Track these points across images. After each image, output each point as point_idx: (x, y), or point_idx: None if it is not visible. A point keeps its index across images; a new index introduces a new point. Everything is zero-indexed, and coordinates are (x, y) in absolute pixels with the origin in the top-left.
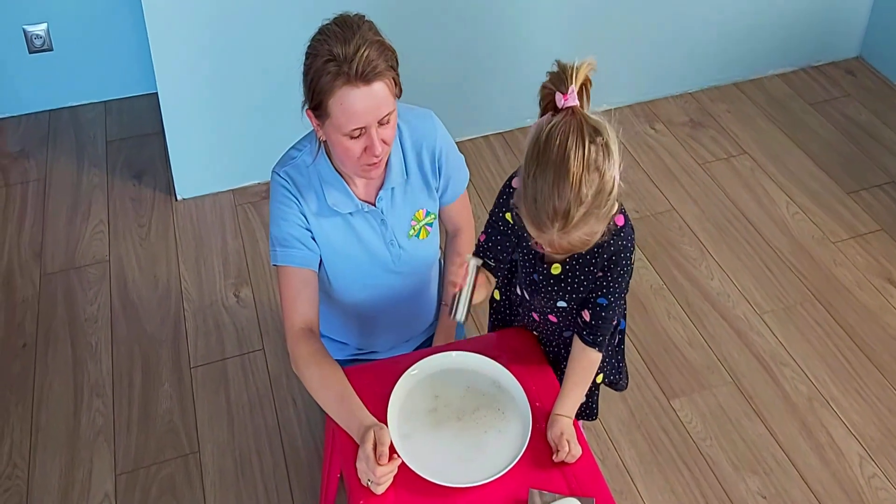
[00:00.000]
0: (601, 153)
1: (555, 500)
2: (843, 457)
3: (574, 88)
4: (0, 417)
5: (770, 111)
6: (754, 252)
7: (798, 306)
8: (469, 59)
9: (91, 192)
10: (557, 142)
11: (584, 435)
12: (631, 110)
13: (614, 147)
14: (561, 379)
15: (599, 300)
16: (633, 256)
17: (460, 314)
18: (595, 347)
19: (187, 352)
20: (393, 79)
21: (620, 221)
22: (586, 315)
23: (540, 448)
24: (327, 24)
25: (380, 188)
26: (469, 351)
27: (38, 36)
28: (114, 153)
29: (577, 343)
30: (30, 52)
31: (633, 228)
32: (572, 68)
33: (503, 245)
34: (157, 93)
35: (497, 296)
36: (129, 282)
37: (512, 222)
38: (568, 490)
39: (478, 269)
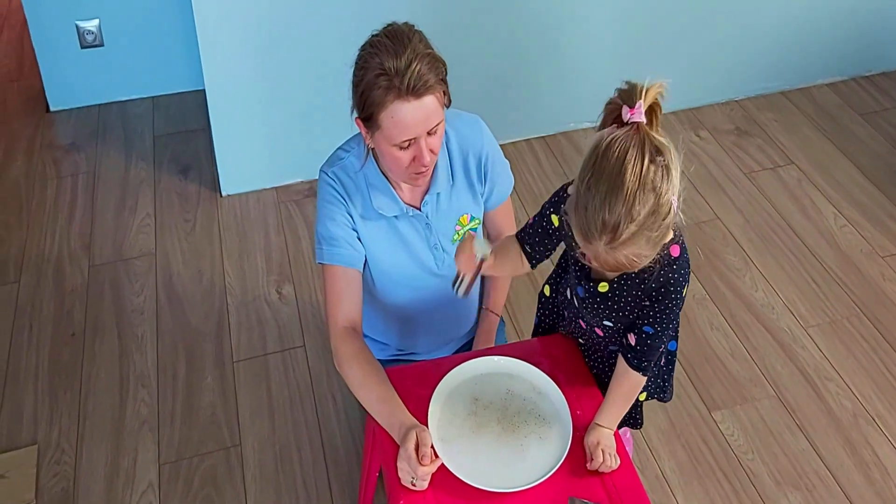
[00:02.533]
0: (660, 173)
1: None
2: (889, 475)
3: (642, 104)
4: (49, 404)
5: (818, 121)
6: (800, 264)
7: (844, 321)
8: (513, 62)
9: (138, 186)
10: (616, 154)
11: (628, 446)
12: (676, 117)
13: (675, 172)
14: (603, 391)
15: (645, 328)
16: (684, 291)
17: (461, 293)
18: (639, 371)
19: (230, 346)
20: (443, 91)
21: (675, 252)
22: (632, 339)
23: (580, 456)
24: (377, 37)
25: (425, 193)
26: (510, 356)
27: (89, 32)
28: (161, 148)
29: (622, 363)
30: (81, 48)
31: (688, 262)
32: (642, 87)
33: (542, 241)
34: (204, 90)
35: (547, 291)
36: (175, 275)
37: (556, 225)
38: (608, 500)
39: (483, 258)
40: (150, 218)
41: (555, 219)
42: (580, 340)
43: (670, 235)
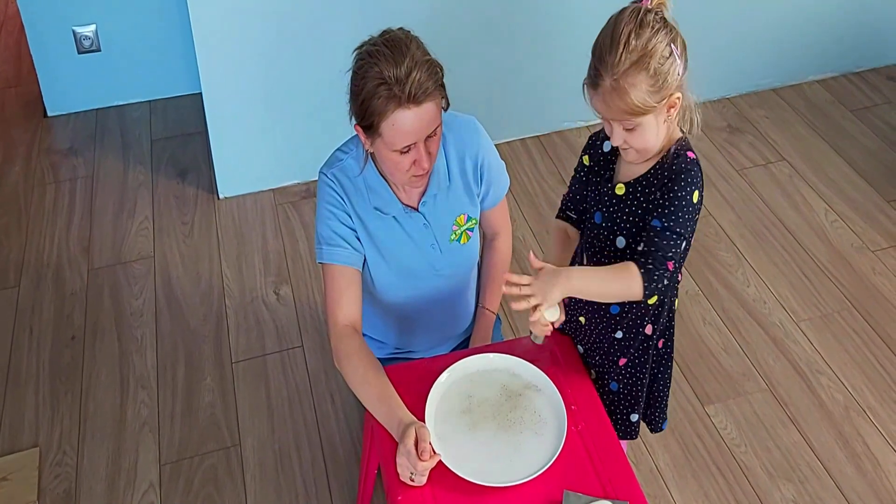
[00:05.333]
0: (655, 19)
1: (589, 502)
2: (880, 467)
3: None
4: (51, 406)
5: (810, 117)
6: (791, 259)
7: (836, 315)
8: (507, 62)
9: (136, 190)
10: (615, 15)
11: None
12: None
13: (676, 31)
14: (604, 394)
15: (654, 222)
16: (695, 194)
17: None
18: (640, 269)
19: (229, 347)
20: (441, 96)
21: (691, 156)
22: (640, 247)
23: (575, 450)
24: (375, 46)
25: (423, 193)
26: (505, 353)
27: (86, 37)
28: (158, 152)
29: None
30: (79, 53)
31: (701, 170)
32: None
33: (581, 194)
34: (200, 93)
35: None
36: (173, 278)
37: (589, 164)
38: (602, 493)
39: (556, 321)
40: (148, 221)
41: (586, 159)
42: (581, 319)
43: (674, 87)
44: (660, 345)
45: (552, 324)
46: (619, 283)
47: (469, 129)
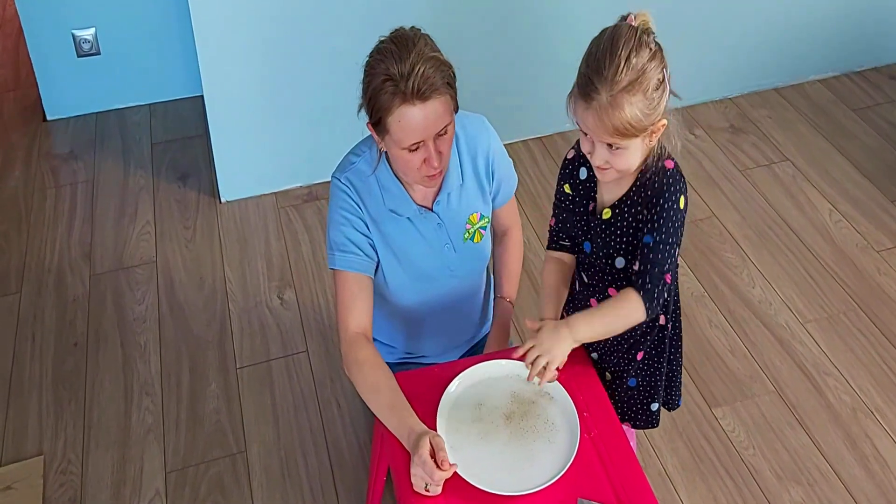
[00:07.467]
0: (651, 46)
1: None
2: (889, 468)
3: (635, 15)
4: (54, 414)
5: (812, 117)
6: (796, 260)
7: (841, 315)
8: (508, 63)
9: (137, 194)
10: (612, 29)
11: (632, 441)
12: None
13: (666, 63)
14: (612, 392)
15: (645, 238)
16: (681, 201)
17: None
18: (640, 291)
19: (233, 353)
20: (450, 95)
21: (670, 165)
22: (637, 266)
23: (588, 458)
24: (384, 43)
25: (437, 193)
26: (515, 360)
27: (86, 40)
28: (159, 155)
29: (626, 287)
30: (78, 56)
31: (682, 176)
32: (634, 13)
33: (570, 221)
34: (201, 96)
35: None
36: (176, 283)
37: (570, 193)
38: (616, 500)
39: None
40: (149, 226)
41: (567, 188)
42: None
43: (663, 119)
44: (669, 328)
45: (556, 369)
46: (623, 318)
47: (479, 126)
